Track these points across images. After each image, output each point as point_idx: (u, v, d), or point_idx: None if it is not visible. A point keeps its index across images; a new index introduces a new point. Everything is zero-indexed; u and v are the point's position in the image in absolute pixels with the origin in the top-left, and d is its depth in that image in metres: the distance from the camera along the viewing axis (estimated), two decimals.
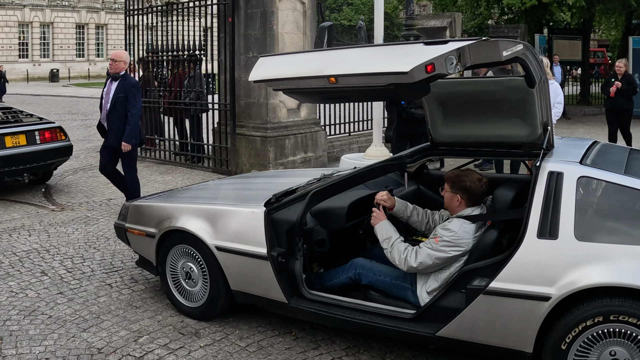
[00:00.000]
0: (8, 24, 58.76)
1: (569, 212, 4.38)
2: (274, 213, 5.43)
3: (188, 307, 5.90)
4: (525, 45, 4.72)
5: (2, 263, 7.41)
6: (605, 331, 4.14)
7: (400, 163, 6.19)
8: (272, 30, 12.18)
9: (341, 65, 4.60)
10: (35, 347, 5.31)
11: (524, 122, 5.33)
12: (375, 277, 5.17)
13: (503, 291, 4.38)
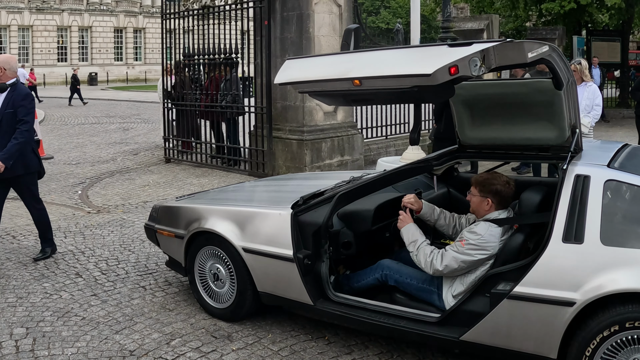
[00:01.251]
0: (47, 29, 59.72)
1: (595, 216, 4.32)
2: (301, 215, 5.45)
3: (215, 308, 5.93)
4: (551, 46, 4.68)
5: (37, 264, 7.45)
6: (633, 337, 4.05)
7: (427, 165, 6.15)
8: (308, 33, 12.14)
9: (365, 67, 4.59)
10: (67, 348, 5.30)
11: (551, 124, 5.26)
12: (402, 279, 5.18)
13: (527, 296, 4.33)
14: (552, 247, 4.35)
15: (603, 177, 4.47)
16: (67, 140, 19.89)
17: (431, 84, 4.13)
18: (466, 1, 31.12)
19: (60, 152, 17.21)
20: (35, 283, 6.85)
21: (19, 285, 6.77)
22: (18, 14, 58.51)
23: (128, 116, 28.24)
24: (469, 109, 5.77)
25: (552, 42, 21.66)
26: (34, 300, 6.37)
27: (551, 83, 4.93)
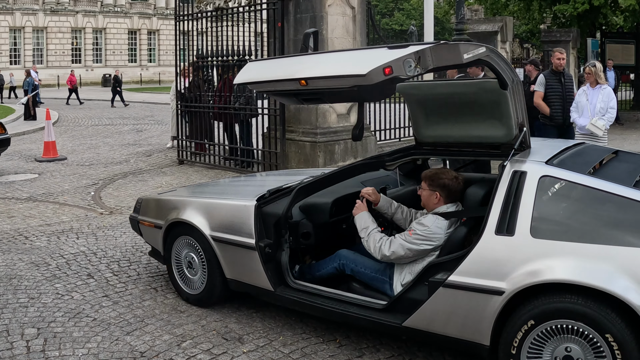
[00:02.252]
0: (61, 30, 60.06)
1: (527, 210, 4.48)
2: (264, 207, 5.81)
3: (189, 294, 6.30)
4: (489, 48, 4.84)
5: (49, 265, 7.46)
6: (557, 327, 4.19)
7: (380, 161, 6.34)
8: (322, 35, 12.10)
9: (311, 68, 4.88)
10: (78, 349, 5.30)
11: (499, 122, 5.35)
12: (357, 269, 5.43)
13: (461, 284, 4.53)
14: (485, 238, 4.54)
15: (538, 173, 4.63)
16: (80, 142, 19.96)
17: (367, 83, 4.36)
18: (480, 3, 31.02)
19: (74, 153, 17.28)
20: (47, 283, 6.85)
21: (30, 286, 6.78)
22: (32, 16, 58.85)
23: (142, 117, 28.32)
24: (422, 108, 5.92)
25: (566, 45, 21.69)
26: (46, 300, 6.38)
27: (497, 83, 5.05)
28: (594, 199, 4.54)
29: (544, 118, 10.80)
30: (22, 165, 15.37)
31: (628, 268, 4.06)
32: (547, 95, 10.62)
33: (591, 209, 4.58)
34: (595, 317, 4.05)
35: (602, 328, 4.04)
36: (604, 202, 4.51)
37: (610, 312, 4.03)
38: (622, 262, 4.10)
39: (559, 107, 10.53)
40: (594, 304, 4.07)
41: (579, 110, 10.02)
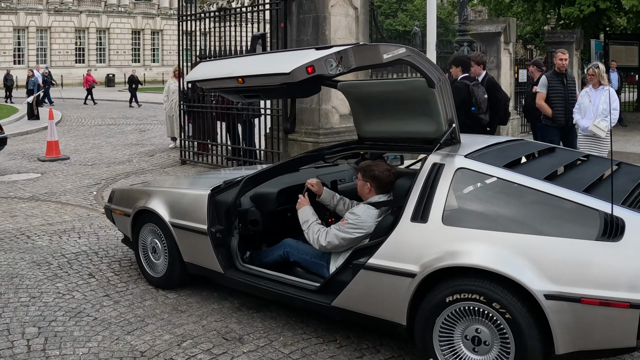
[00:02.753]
0: (65, 30, 60.12)
1: (441, 199, 4.77)
2: (217, 196, 6.24)
3: (153, 277, 6.79)
4: (409, 49, 5.17)
5: (50, 264, 7.47)
6: (465, 309, 4.46)
7: (320, 155, 6.73)
8: (325, 35, 12.10)
9: (246, 68, 5.38)
10: (78, 348, 5.30)
11: (430, 119, 5.59)
12: (300, 256, 5.84)
13: (378, 267, 4.85)
14: (402, 225, 4.87)
15: (455, 166, 4.92)
16: (83, 141, 19.99)
17: (291, 81, 4.78)
18: (484, 4, 31.00)
19: (77, 152, 17.30)
20: (48, 283, 6.86)
21: (32, 285, 6.79)
22: (36, 15, 58.92)
23: (145, 117, 28.34)
24: (361, 105, 6.20)
25: (570, 46, 21.66)
26: (47, 299, 6.39)
27: (425, 82, 5.31)
28: (504, 190, 4.88)
29: (546, 119, 10.78)
30: (25, 164, 15.38)
31: (529, 254, 4.31)
32: (550, 96, 10.59)
33: (500, 199, 4.95)
34: (498, 299, 4.31)
35: (503, 310, 4.29)
36: (512, 193, 4.83)
37: (511, 295, 4.28)
38: (524, 249, 4.35)
39: (561, 109, 10.51)
40: (497, 288, 4.33)
41: (581, 111, 10.00)
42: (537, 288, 4.20)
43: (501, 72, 17.85)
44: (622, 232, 4.17)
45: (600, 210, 4.32)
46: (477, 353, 4.51)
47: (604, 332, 4.14)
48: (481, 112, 9.65)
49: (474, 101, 9.55)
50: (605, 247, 4.17)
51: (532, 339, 4.26)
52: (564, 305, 4.15)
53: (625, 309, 4.01)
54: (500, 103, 10.24)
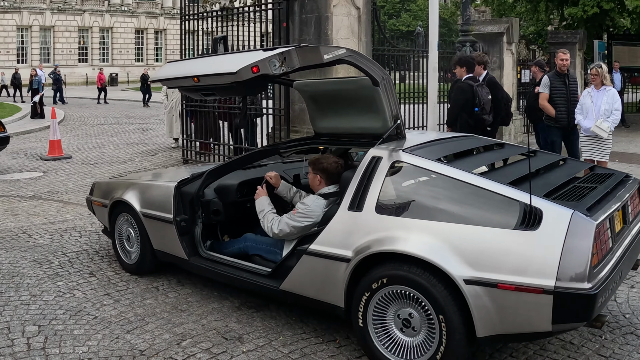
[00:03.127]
0: (68, 29, 60.18)
1: (376, 190, 5.07)
2: (183, 187, 6.63)
3: (127, 264, 7.22)
4: (350, 50, 5.67)
5: (51, 263, 7.48)
6: (395, 292, 4.74)
7: (274, 149, 7.15)
8: (327, 35, 12.09)
9: (203, 68, 5.79)
10: (78, 347, 5.30)
11: (377, 115, 5.95)
12: (257, 246, 6.20)
13: (318, 252, 5.19)
14: (340, 213, 5.20)
15: (392, 159, 5.21)
16: (85, 140, 20.01)
17: (238, 80, 5.16)
18: (487, 4, 30.97)
19: (79, 152, 17.32)
20: (49, 281, 6.87)
21: (32, 284, 6.80)
22: (40, 15, 58.97)
23: (147, 117, 28.38)
24: (315, 103, 6.57)
25: (573, 46, 21.65)
26: (47, 298, 6.39)
27: (370, 80, 5.70)
28: (434, 182, 5.15)
29: (548, 120, 10.75)
30: (28, 163, 15.40)
31: (452, 242, 4.56)
32: (552, 96, 10.55)
33: (430, 190, 5.26)
34: (423, 284, 4.57)
35: (428, 294, 4.55)
36: (441, 185, 5.08)
37: (435, 280, 4.54)
38: (447, 237, 4.59)
39: (563, 109, 10.46)
40: (422, 273, 4.58)
41: (583, 112, 9.96)
42: (457, 273, 4.44)
43: (504, 73, 17.81)
44: (540, 222, 4.37)
45: (521, 201, 4.52)
46: (407, 335, 4.78)
47: (521, 316, 4.34)
48: (484, 112, 9.66)
49: (477, 101, 9.55)
50: (521, 236, 4.38)
51: (455, 323, 4.49)
52: (482, 290, 4.39)
53: (539, 294, 4.22)
54: (502, 103, 10.25)
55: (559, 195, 4.83)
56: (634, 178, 5.94)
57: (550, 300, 4.20)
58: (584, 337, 5.44)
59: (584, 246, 4.24)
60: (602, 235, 4.47)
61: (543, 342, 5.33)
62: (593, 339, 5.41)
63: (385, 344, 4.87)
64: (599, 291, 4.19)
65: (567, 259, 4.21)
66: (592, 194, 4.97)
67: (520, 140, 18.57)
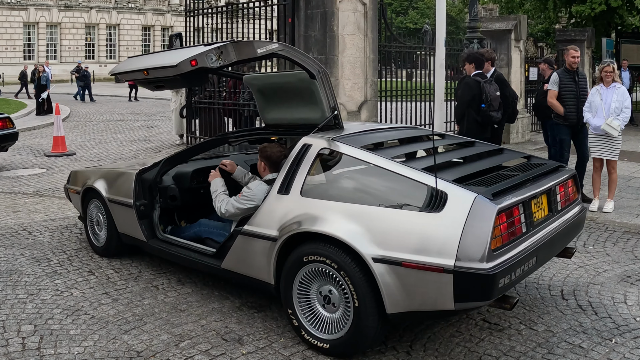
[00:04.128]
0: (75, 26, 60.12)
1: (302, 175, 5.41)
2: (143, 174, 7.04)
3: (97, 247, 7.68)
4: (283, 44, 6.15)
5: (50, 261, 7.37)
6: (316, 269, 5.02)
7: (224, 139, 7.57)
8: (333, 31, 11.97)
9: (151, 62, 6.21)
10: (74, 347, 5.17)
11: (316, 107, 6.28)
12: (210, 231, 6.60)
13: (250, 232, 5.55)
14: (270, 196, 5.58)
15: (319, 146, 5.52)
16: (90, 137, 19.90)
17: (178, 72, 5.50)
18: (495, 2, 30.76)
19: (83, 148, 17.22)
20: (47, 279, 6.75)
21: (30, 282, 6.69)
22: (47, 11, 58.92)
23: (153, 114, 28.28)
24: (263, 95, 6.91)
25: (581, 44, 21.49)
26: (45, 297, 6.27)
27: (307, 74, 6.08)
28: (355, 167, 5.46)
29: (557, 117, 10.55)
30: (31, 159, 15.31)
31: (364, 222, 4.80)
32: (561, 94, 10.36)
33: (351, 175, 5.57)
34: (338, 262, 4.83)
35: (343, 272, 4.81)
36: (362, 170, 5.44)
37: (349, 259, 4.78)
38: (360, 218, 4.84)
39: (573, 107, 10.26)
40: (337, 252, 4.85)
41: (592, 110, 9.76)
42: (366, 252, 4.68)
43: (511, 70, 17.65)
44: (444, 204, 4.58)
45: (429, 185, 4.75)
46: (328, 311, 5.05)
47: (425, 294, 4.57)
48: (492, 109, 9.50)
49: (484, 98, 9.40)
50: (426, 218, 4.61)
51: (366, 299, 4.73)
52: (389, 268, 4.63)
53: (440, 273, 4.43)
54: (509, 100, 10.09)
55: (473, 182, 4.98)
56: (568, 168, 6.17)
57: (450, 279, 4.40)
58: (593, 341, 5.32)
59: (484, 228, 4.42)
60: (511, 219, 4.68)
61: (551, 345, 5.22)
62: (603, 343, 5.29)
63: (309, 319, 5.15)
64: (498, 272, 4.37)
65: (467, 239, 4.40)
66: (508, 180, 5.14)
67: (528, 138, 18.40)
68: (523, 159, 6.29)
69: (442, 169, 5.05)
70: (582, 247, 7.97)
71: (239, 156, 7.96)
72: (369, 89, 12.75)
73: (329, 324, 5.06)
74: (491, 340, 5.36)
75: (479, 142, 6.74)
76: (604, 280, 6.76)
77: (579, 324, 5.65)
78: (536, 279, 6.76)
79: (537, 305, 6.10)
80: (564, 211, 5.69)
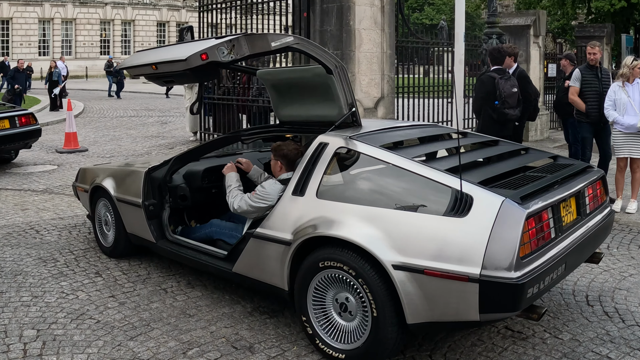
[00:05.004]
0: (90, 22, 60.15)
1: (319, 175, 5.15)
2: (152, 173, 6.83)
3: (104, 247, 7.50)
4: (298, 37, 5.80)
5: (57, 261, 7.17)
6: (332, 276, 4.78)
7: (237, 136, 7.24)
8: (349, 25, 11.70)
9: (160, 56, 5.93)
10: (77, 354, 4.95)
11: (333, 103, 6.03)
12: (221, 231, 6.40)
13: (263, 235, 5.30)
14: (285, 198, 5.32)
15: (336, 145, 5.26)
16: (103, 133, 19.75)
17: (188, 67, 5.21)
18: None
19: (96, 144, 17.07)
20: (53, 281, 6.54)
21: (35, 283, 6.48)
22: (62, 7, 58.96)
23: (167, 110, 28.13)
24: (277, 92, 6.72)
25: (600, 40, 21.09)
26: (49, 300, 6.06)
27: (324, 69, 5.82)
28: (374, 167, 5.17)
29: (579, 115, 10.25)
30: (43, 156, 15.14)
31: (383, 227, 4.55)
32: (583, 91, 10.06)
33: (370, 176, 5.26)
34: (355, 268, 4.57)
35: (361, 279, 4.56)
36: (380, 171, 5.14)
37: (367, 265, 4.53)
38: (379, 222, 4.59)
39: (595, 104, 9.95)
40: (355, 257, 4.59)
41: (618, 108, 9.39)
42: (386, 258, 4.43)
43: (530, 66, 17.33)
44: (469, 208, 4.31)
45: (453, 187, 4.47)
46: (345, 319, 4.81)
47: (448, 304, 4.31)
48: (507, 106, 9.18)
49: (497, 95, 9.10)
50: (450, 223, 4.33)
51: (385, 308, 4.48)
52: (410, 276, 4.37)
53: (464, 282, 4.16)
54: (531, 97, 9.80)
55: (499, 184, 4.73)
56: (596, 169, 5.85)
57: (476, 289, 4.15)
58: (621, 351, 5.05)
59: (512, 235, 4.17)
60: (540, 224, 4.43)
61: (577, 355, 4.95)
62: (632, 353, 5.02)
63: (325, 328, 4.92)
64: (527, 281, 4.12)
65: (494, 246, 4.14)
66: (536, 183, 4.87)
67: (547, 135, 18.09)
68: (549, 159, 5.97)
69: (466, 170, 4.80)
70: (606, 249, 7.69)
71: (252, 154, 7.76)
72: (386, 85, 12.49)
73: (345, 333, 4.82)
74: (515, 350, 5.09)
75: (503, 140, 6.47)
76: (630, 286, 6.49)
77: (605, 333, 5.38)
78: (560, 284, 6.47)
79: (561, 312, 5.83)
80: (593, 214, 5.42)
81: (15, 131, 13.07)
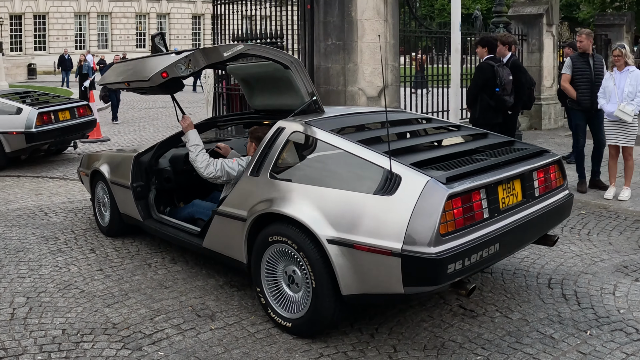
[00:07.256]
0: (126, 15, 60.90)
1: (273, 157, 5.59)
2: (140, 157, 7.40)
3: (102, 227, 8.08)
4: (248, 44, 6.59)
5: (58, 239, 7.71)
6: (280, 250, 5.20)
7: (212, 122, 7.99)
8: (351, 16, 12.01)
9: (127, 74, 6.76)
10: (57, 318, 5.46)
11: (295, 93, 6.63)
12: (201, 211, 6.90)
13: (225, 212, 5.79)
14: (244, 178, 5.80)
15: (292, 129, 5.68)
16: (128, 124, 20.33)
17: (152, 85, 6.03)
18: None
19: (118, 134, 17.63)
20: (50, 257, 7.08)
21: (34, 258, 7.02)
22: (97, 1, 59.87)
23: (195, 101, 28.61)
24: (246, 84, 7.31)
25: (620, 28, 21.06)
26: (43, 272, 6.59)
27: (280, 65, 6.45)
28: (321, 150, 5.44)
29: (571, 102, 10.46)
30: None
31: (321, 204, 4.94)
32: (575, 78, 10.22)
33: (316, 158, 5.52)
34: (297, 242, 4.98)
35: (302, 252, 4.96)
36: (327, 153, 5.38)
37: (307, 239, 4.93)
38: (318, 199, 4.99)
39: (586, 91, 10.09)
40: (296, 232, 5.00)
41: (606, 95, 9.60)
42: (322, 233, 4.80)
43: (543, 55, 17.47)
44: (397, 188, 4.63)
45: (386, 168, 4.78)
46: (293, 290, 5.23)
47: (376, 277, 4.62)
48: (505, 93, 9.48)
49: (498, 82, 9.39)
50: (379, 200, 4.65)
51: (323, 280, 4.85)
52: (342, 250, 4.73)
53: (388, 256, 4.47)
54: (525, 87, 10.03)
55: (432, 166, 4.97)
56: (551, 153, 6.02)
57: (398, 263, 4.43)
58: (566, 332, 5.19)
59: (432, 212, 4.43)
60: (468, 204, 4.69)
61: (521, 334, 5.15)
62: (576, 334, 5.15)
63: (276, 298, 5.34)
64: (446, 257, 4.37)
65: (415, 223, 4.42)
66: (473, 165, 5.10)
67: (561, 124, 18.14)
68: (504, 144, 6.17)
69: (407, 152, 5.12)
70: (586, 235, 7.81)
71: (240, 140, 8.25)
72: (389, 74, 12.78)
73: (292, 304, 5.21)
74: (460, 327, 5.31)
75: (465, 126, 6.78)
76: (598, 270, 6.59)
77: (557, 314, 5.53)
78: (527, 266, 6.67)
79: (519, 293, 6.00)
80: (543, 197, 5.62)
81: (75, 122, 13.67)
